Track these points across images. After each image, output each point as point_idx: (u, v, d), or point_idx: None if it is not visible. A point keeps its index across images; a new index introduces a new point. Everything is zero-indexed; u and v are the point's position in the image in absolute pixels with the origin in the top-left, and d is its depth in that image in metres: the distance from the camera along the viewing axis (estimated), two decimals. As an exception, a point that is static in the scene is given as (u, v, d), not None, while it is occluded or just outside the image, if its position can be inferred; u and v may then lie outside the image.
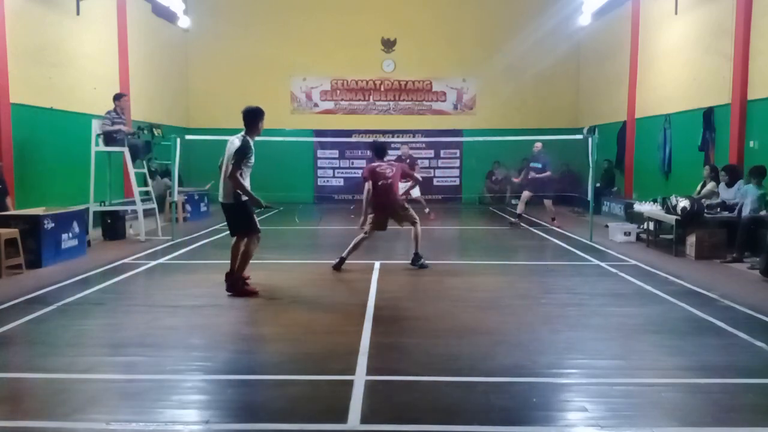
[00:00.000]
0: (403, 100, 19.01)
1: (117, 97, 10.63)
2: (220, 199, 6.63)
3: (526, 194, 12.62)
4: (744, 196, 8.85)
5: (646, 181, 14.16)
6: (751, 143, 10.27)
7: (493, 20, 18.35)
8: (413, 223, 8.30)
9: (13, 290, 6.69)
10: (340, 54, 18.47)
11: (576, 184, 16.30)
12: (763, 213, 8.58)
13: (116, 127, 10.32)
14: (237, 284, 6.62)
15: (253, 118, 6.54)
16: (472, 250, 10.52)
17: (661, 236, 10.00)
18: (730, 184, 9.41)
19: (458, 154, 19.01)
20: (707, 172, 10.36)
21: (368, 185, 8.08)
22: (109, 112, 10.39)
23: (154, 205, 11.31)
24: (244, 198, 6.46)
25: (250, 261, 6.72)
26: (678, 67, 12.78)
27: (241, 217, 6.62)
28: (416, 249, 8.20)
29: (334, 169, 19.05)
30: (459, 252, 10.47)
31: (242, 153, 6.32)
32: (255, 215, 6.71)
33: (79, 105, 12.13)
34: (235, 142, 6.44)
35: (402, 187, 8.80)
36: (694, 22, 12.21)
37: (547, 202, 12.76)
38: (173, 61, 17.72)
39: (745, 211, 8.67)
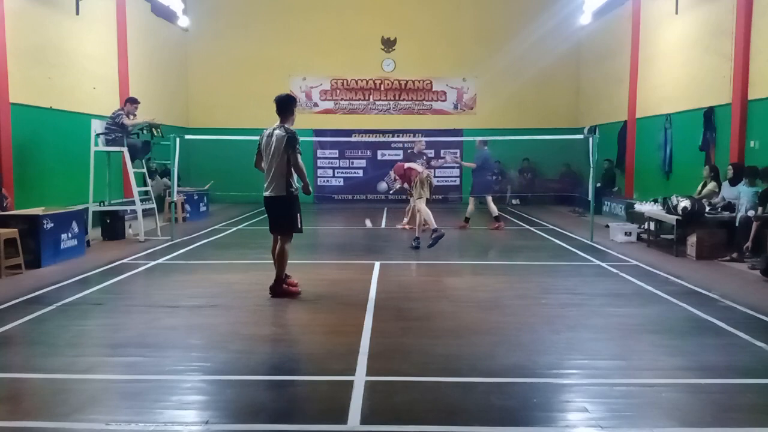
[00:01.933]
0: (403, 99, 18.99)
1: (132, 101, 10.55)
2: (266, 194, 6.47)
3: (488, 198, 12.48)
4: (738, 196, 8.87)
5: (646, 181, 14.15)
6: (752, 143, 10.28)
7: (493, 20, 18.34)
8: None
9: (13, 290, 6.69)
10: (340, 54, 18.46)
11: (576, 184, 16.31)
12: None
13: (145, 120, 10.63)
14: (279, 287, 6.49)
15: (285, 105, 6.50)
16: (472, 250, 10.51)
17: (661, 236, 10.00)
18: (733, 182, 9.40)
19: (458, 154, 18.97)
20: (707, 172, 10.35)
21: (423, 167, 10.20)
22: (118, 112, 10.38)
23: (154, 205, 11.31)
24: (294, 192, 6.40)
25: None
26: (678, 67, 12.77)
27: (288, 213, 6.47)
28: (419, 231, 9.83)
29: (333, 169, 19.06)
30: (459, 252, 10.45)
31: (295, 140, 6.29)
32: (300, 214, 6.57)
33: (79, 105, 12.13)
34: (278, 134, 6.34)
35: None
36: (694, 22, 12.20)
37: (481, 198, 12.53)
38: (173, 60, 17.71)
39: (742, 212, 8.68)
